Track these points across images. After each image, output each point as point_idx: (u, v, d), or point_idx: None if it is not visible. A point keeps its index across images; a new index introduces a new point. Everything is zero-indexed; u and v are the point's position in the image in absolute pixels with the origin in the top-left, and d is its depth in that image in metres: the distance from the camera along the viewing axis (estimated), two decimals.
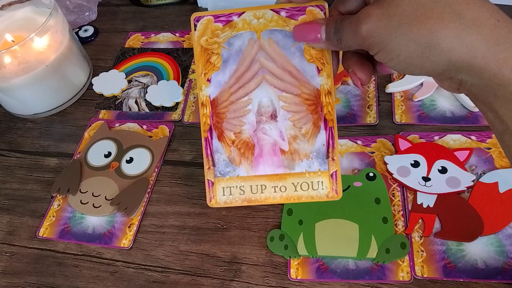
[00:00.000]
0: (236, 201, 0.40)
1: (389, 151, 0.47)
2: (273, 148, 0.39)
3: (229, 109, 0.39)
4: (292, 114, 0.38)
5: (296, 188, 0.39)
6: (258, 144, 0.39)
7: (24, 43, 0.50)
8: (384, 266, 0.40)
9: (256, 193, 0.40)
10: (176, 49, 0.63)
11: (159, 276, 0.42)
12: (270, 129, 0.39)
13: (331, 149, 0.38)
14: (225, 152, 0.39)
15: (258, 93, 0.38)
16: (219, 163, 0.40)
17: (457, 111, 0.49)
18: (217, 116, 0.39)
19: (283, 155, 0.39)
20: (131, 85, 0.59)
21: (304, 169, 0.39)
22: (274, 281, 0.40)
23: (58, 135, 0.56)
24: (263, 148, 0.39)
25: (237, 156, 0.39)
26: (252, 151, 0.39)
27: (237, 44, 0.37)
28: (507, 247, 0.39)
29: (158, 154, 0.51)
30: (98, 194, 0.48)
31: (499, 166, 0.44)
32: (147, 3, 0.70)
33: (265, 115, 0.39)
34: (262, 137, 0.39)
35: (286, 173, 0.39)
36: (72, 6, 0.68)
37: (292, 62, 0.37)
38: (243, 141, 0.39)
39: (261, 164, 0.39)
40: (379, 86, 0.52)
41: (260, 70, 0.38)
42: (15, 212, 0.49)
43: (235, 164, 0.39)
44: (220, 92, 0.39)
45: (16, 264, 0.45)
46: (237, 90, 0.38)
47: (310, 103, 0.38)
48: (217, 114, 0.39)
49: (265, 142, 0.39)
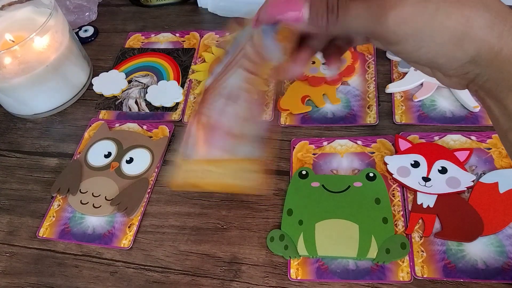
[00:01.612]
0: (189, 184, 0.40)
1: (389, 151, 0.47)
2: (227, 131, 0.38)
3: (213, 95, 0.39)
4: (251, 97, 0.37)
5: (235, 176, 0.39)
6: (218, 128, 0.38)
7: (24, 43, 0.51)
8: (384, 266, 0.40)
9: (203, 178, 0.39)
10: (176, 49, 0.63)
11: (159, 276, 0.42)
12: (229, 112, 0.38)
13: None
14: (195, 136, 0.39)
15: (232, 78, 0.37)
16: (188, 146, 0.39)
17: (457, 111, 0.49)
18: (202, 102, 0.39)
19: (232, 139, 0.38)
20: (131, 85, 0.59)
21: (244, 154, 0.38)
22: (274, 281, 0.40)
23: (58, 135, 0.56)
24: (219, 132, 0.38)
25: (200, 139, 0.39)
26: (212, 134, 0.39)
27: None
28: (507, 247, 0.39)
29: (158, 154, 0.51)
30: (98, 194, 0.48)
31: (499, 166, 0.44)
32: (147, 3, 0.70)
33: (231, 99, 0.38)
34: (222, 120, 0.38)
35: (229, 159, 0.39)
36: (72, 6, 0.68)
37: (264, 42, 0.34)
38: (209, 125, 0.39)
39: (213, 148, 0.39)
40: (379, 86, 0.53)
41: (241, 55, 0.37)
42: (15, 212, 0.49)
43: (197, 147, 0.39)
44: (212, 81, 0.38)
45: (16, 264, 0.45)
46: (222, 77, 0.38)
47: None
48: (203, 101, 0.39)
49: (223, 125, 0.38)
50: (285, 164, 0.48)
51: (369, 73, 0.54)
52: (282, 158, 0.49)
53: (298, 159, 0.48)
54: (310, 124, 0.51)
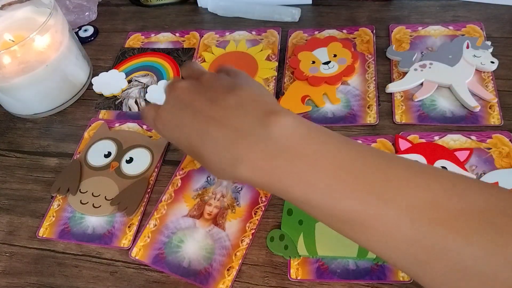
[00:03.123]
0: None
1: (389, 151, 0.47)
2: None
3: None
4: None
5: None
6: None
7: (24, 43, 0.50)
8: (384, 266, 0.40)
9: None
10: (176, 49, 0.63)
11: (159, 276, 0.42)
12: None
13: None
14: None
15: None
16: None
17: (457, 111, 0.49)
18: None
19: None
20: (131, 85, 0.59)
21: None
22: (274, 281, 0.40)
23: (58, 135, 0.56)
24: None
25: None
26: None
27: None
28: None
29: (158, 154, 0.51)
30: (98, 194, 0.48)
31: (499, 166, 0.44)
32: (147, 3, 0.70)
33: None
34: None
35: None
36: (72, 6, 0.68)
37: None
38: None
39: None
40: (379, 86, 0.52)
41: None
42: (15, 212, 0.49)
43: None
44: None
45: (16, 264, 0.45)
46: None
47: None
48: None
49: None
50: None
51: (369, 73, 0.54)
52: None
53: None
54: None
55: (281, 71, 0.57)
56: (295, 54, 0.57)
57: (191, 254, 0.43)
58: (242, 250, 0.42)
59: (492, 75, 0.51)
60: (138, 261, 0.43)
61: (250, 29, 0.63)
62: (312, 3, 0.64)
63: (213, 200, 0.46)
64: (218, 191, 0.46)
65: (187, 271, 0.42)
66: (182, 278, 0.41)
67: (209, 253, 0.43)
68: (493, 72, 0.51)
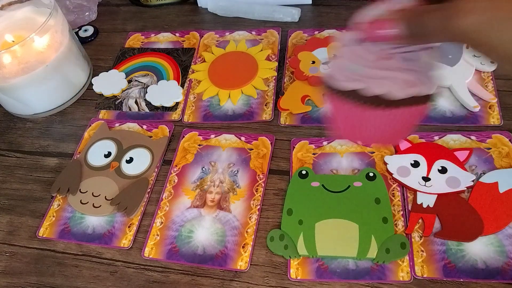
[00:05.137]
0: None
1: (389, 151, 0.47)
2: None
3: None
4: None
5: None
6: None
7: (24, 43, 0.50)
8: (384, 266, 0.40)
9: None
10: (176, 49, 0.63)
11: (159, 276, 0.42)
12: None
13: None
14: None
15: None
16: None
17: (457, 111, 0.49)
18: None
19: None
20: (131, 85, 0.59)
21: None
22: (274, 281, 0.40)
23: (58, 135, 0.56)
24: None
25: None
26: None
27: None
28: (507, 247, 0.39)
29: (158, 154, 0.51)
30: (98, 194, 0.48)
31: (499, 166, 0.44)
32: (147, 3, 0.70)
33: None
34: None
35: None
36: (72, 6, 0.68)
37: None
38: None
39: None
40: None
41: None
42: (15, 212, 0.49)
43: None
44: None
45: (16, 264, 0.45)
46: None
47: None
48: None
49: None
50: (285, 164, 0.48)
51: None
52: (282, 158, 0.49)
53: (298, 159, 0.48)
54: (310, 124, 0.51)
55: (281, 71, 0.57)
56: (295, 54, 0.57)
57: (203, 241, 0.44)
58: (252, 226, 0.43)
59: (492, 75, 0.51)
60: (152, 260, 0.43)
61: (250, 29, 0.63)
62: (312, 3, 0.64)
63: (213, 187, 0.47)
64: (216, 178, 0.47)
65: (203, 257, 0.43)
66: (201, 265, 0.42)
67: (221, 236, 0.44)
68: (493, 72, 0.51)
